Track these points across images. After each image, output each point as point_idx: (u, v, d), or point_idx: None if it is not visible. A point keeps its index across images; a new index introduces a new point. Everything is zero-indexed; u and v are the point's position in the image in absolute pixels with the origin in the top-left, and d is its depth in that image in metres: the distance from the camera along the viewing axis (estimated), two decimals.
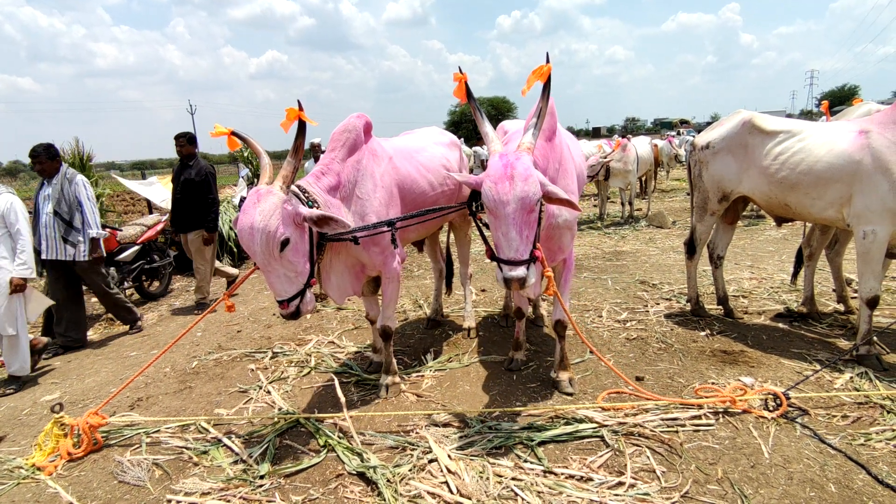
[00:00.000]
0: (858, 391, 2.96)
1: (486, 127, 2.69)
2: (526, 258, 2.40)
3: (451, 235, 4.58)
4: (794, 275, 4.39)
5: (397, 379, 3.37)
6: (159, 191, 8.60)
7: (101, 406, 3.06)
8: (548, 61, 2.57)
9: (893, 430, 2.58)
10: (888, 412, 2.73)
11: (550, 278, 2.63)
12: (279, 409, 3.16)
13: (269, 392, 3.42)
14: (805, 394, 2.93)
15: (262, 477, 2.49)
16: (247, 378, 3.70)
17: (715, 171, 3.96)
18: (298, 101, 2.71)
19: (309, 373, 3.70)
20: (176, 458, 2.72)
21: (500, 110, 53.07)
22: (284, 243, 2.52)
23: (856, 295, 3.72)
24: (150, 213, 8.54)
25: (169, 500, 2.40)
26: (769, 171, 3.58)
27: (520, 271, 2.38)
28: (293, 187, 2.69)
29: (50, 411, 2.96)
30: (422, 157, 3.49)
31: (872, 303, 3.27)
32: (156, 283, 6.50)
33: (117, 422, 3.10)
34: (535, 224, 2.46)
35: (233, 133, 2.92)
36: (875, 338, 3.39)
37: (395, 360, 3.42)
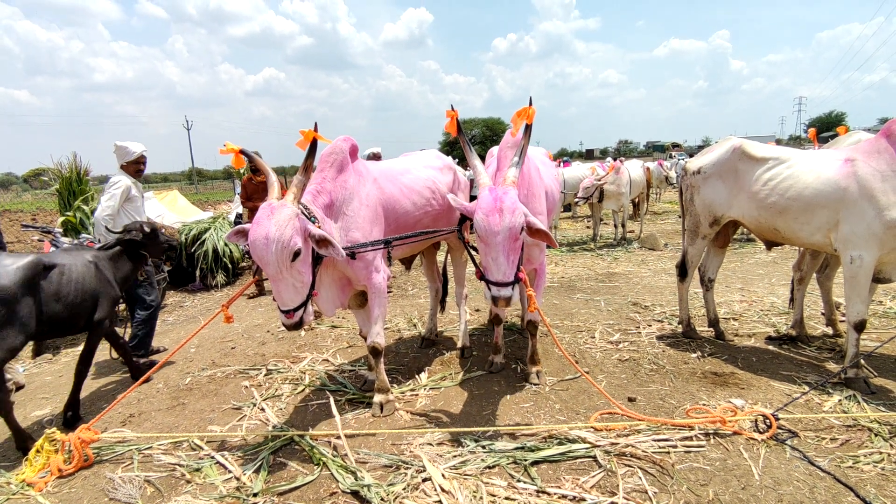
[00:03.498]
0: (847, 414, 3.00)
1: (474, 160, 3.01)
2: (511, 280, 2.70)
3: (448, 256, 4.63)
4: (792, 300, 4.45)
5: (391, 397, 3.39)
6: (155, 206, 8.62)
7: (93, 422, 3.05)
8: (531, 104, 2.89)
9: (881, 453, 2.62)
10: (876, 435, 2.77)
11: (532, 297, 2.88)
12: (273, 427, 3.16)
13: (263, 409, 3.42)
14: (794, 416, 2.97)
15: (255, 495, 2.48)
16: (241, 395, 3.69)
17: (706, 196, 4.04)
18: (315, 124, 2.86)
19: (303, 390, 3.70)
20: (168, 476, 2.71)
21: (494, 131, 53.63)
22: (297, 254, 2.62)
23: (844, 318, 3.79)
24: None
25: None
26: (759, 196, 3.67)
27: (506, 291, 2.69)
28: (299, 204, 2.80)
29: (41, 426, 2.95)
30: (405, 179, 3.64)
31: (860, 326, 3.34)
32: None
33: (109, 438, 3.08)
34: (519, 249, 2.76)
35: (241, 151, 3.04)
36: (863, 361, 3.44)
37: (387, 378, 3.43)
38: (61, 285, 3.17)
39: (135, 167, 4.63)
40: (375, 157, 8.01)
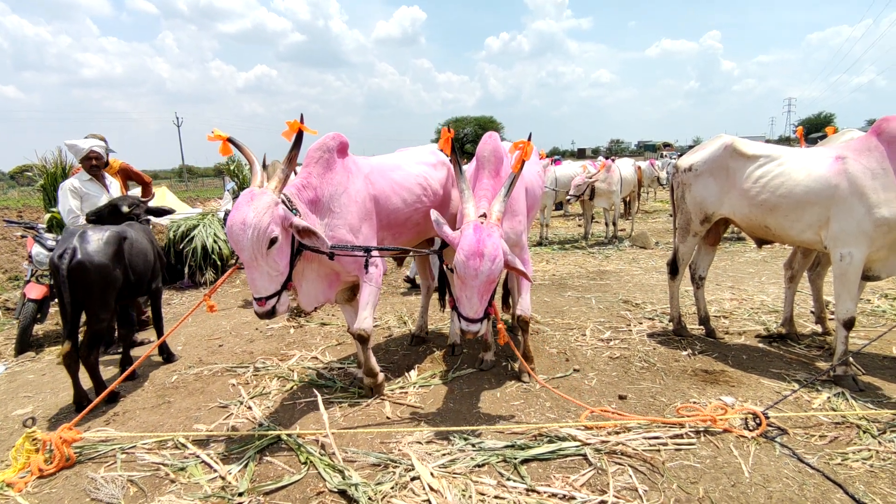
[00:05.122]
0: (835, 411, 3.01)
1: (463, 184, 3.01)
2: (481, 316, 2.81)
3: None
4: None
5: (380, 379, 3.42)
6: None
7: (75, 421, 2.99)
8: (530, 139, 2.99)
9: (869, 450, 2.62)
10: (864, 432, 2.78)
11: (502, 329, 2.96)
12: (260, 425, 3.11)
13: (250, 407, 3.37)
14: (784, 413, 2.97)
15: (241, 494, 2.44)
16: (228, 393, 3.64)
17: (697, 193, 4.04)
18: (301, 115, 2.87)
19: (291, 388, 3.65)
20: (152, 475, 2.65)
21: (486, 130, 53.72)
22: (273, 241, 2.63)
23: (833, 317, 3.80)
24: None
25: None
26: (750, 193, 3.67)
27: (475, 327, 2.81)
28: (281, 195, 2.81)
29: (22, 426, 2.89)
30: (396, 175, 3.62)
31: (849, 324, 3.34)
32: None
33: (92, 437, 3.02)
34: (493, 288, 2.83)
35: (229, 139, 3.02)
36: (851, 359, 3.45)
37: (375, 362, 3.42)
38: (132, 255, 3.68)
39: (87, 164, 4.53)
40: None
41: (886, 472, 2.46)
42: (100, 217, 3.89)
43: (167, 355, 4.35)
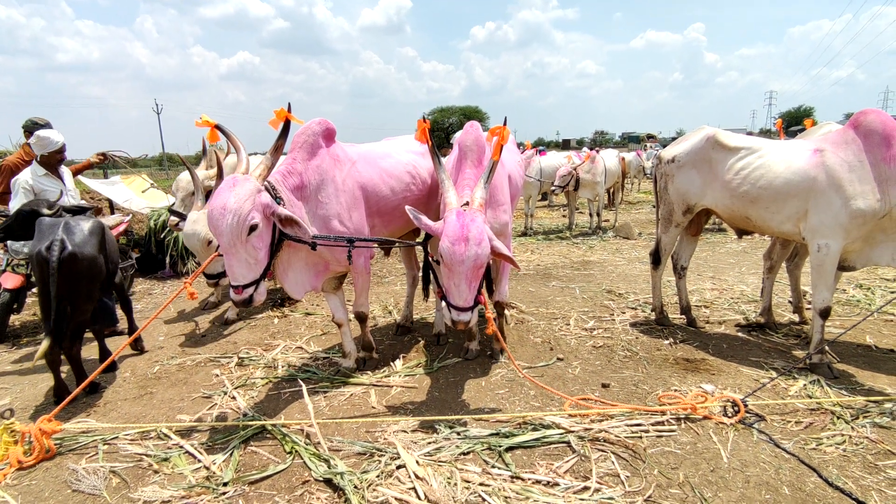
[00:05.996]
0: (811, 398, 3.09)
1: (442, 174, 2.99)
2: (472, 305, 2.78)
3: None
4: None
5: (375, 355, 3.74)
6: (122, 191, 8.34)
7: (54, 412, 2.94)
8: (505, 124, 2.98)
9: (842, 436, 2.70)
10: (838, 418, 2.86)
11: (490, 319, 2.89)
12: (244, 415, 3.10)
13: (234, 398, 3.35)
14: (762, 400, 3.04)
15: (225, 484, 2.43)
16: (211, 383, 3.61)
17: (680, 184, 4.08)
18: (289, 104, 2.87)
19: (276, 378, 3.64)
20: (135, 466, 2.63)
21: (472, 120, 53.46)
22: (253, 228, 2.61)
23: (811, 306, 3.88)
24: (112, 213, 8.28)
25: None
26: (731, 185, 3.72)
27: (465, 316, 2.77)
28: (265, 182, 2.80)
29: (0, 417, 2.83)
30: (384, 164, 3.62)
31: (825, 313, 3.42)
32: None
33: (72, 428, 2.98)
34: (481, 275, 2.80)
35: (216, 126, 3.01)
36: (827, 347, 3.54)
37: (372, 338, 3.81)
38: (110, 244, 3.66)
39: (56, 157, 4.40)
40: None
41: (858, 456, 2.54)
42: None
43: (138, 346, 4.31)
